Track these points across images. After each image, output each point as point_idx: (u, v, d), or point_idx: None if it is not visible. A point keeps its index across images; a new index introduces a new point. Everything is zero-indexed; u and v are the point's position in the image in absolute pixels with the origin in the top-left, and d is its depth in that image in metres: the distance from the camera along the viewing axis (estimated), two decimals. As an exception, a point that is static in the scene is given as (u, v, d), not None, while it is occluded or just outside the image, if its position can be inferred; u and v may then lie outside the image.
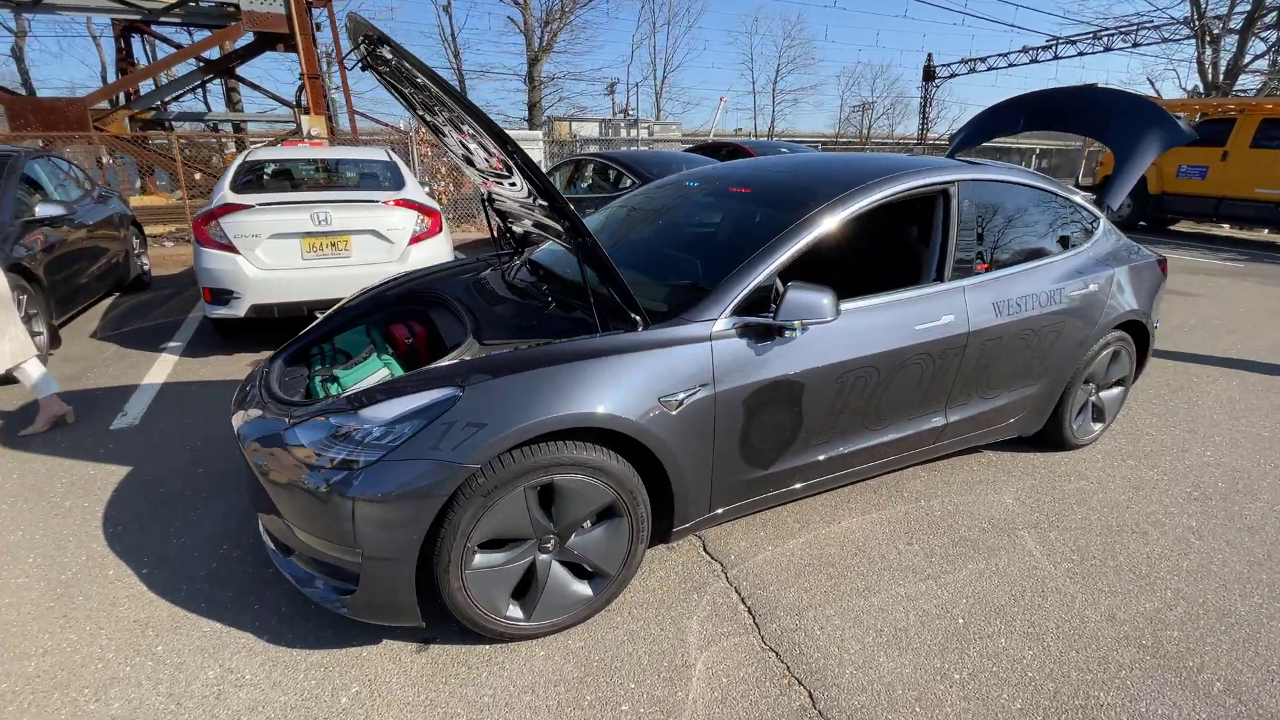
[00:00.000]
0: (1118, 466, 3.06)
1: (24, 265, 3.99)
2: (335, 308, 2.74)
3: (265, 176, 4.92)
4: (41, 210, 4.37)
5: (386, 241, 4.37)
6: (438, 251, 4.56)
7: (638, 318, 1.93)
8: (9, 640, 1.88)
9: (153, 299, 5.98)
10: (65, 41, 38.30)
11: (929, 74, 29.94)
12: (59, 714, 1.64)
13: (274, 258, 4.13)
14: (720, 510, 2.16)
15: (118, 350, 4.50)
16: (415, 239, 4.46)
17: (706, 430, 1.95)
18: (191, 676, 1.76)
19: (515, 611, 1.84)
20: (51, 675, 1.76)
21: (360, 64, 1.86)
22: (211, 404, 3.56)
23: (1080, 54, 24.35)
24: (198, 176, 10.26)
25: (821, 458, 2.30)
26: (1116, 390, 3.25)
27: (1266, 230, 11.33)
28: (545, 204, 1.95)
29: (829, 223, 2.19)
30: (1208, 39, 19.82)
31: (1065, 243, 2.90)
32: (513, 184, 2.13)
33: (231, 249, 4.04)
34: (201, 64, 13.32)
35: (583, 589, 1.92)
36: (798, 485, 2.33)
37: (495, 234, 2.97)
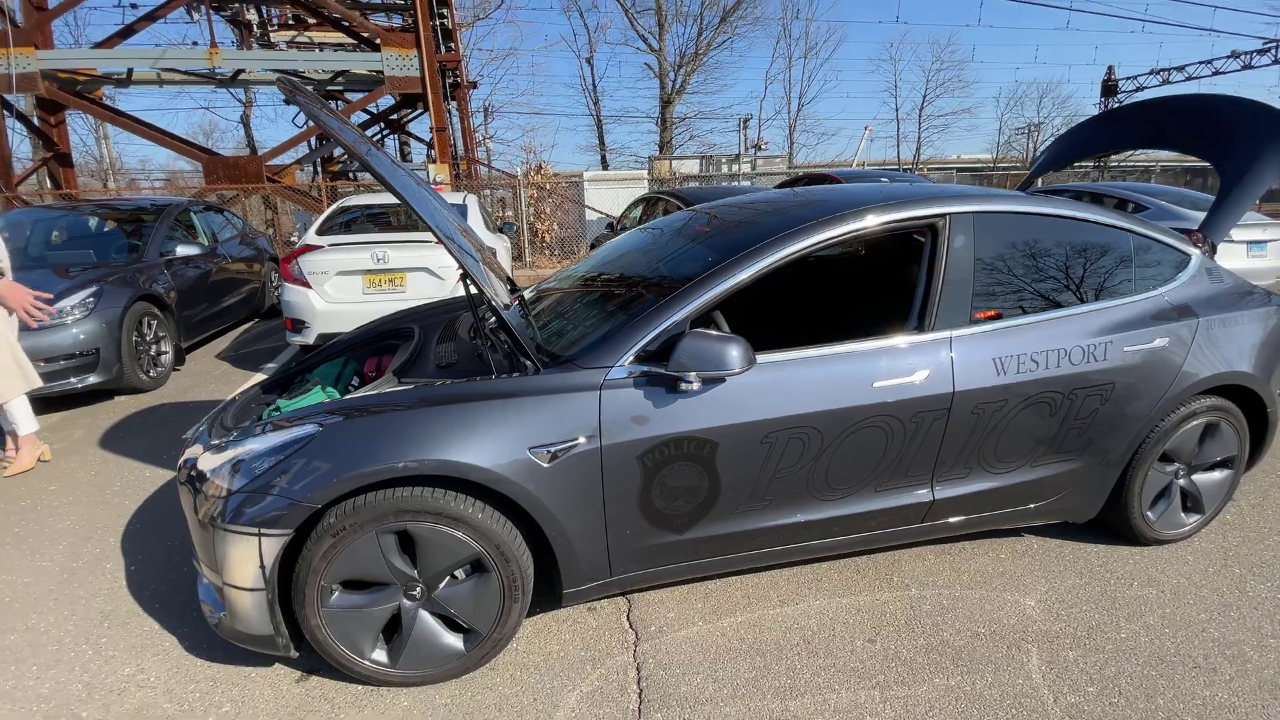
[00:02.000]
0: (1212, 574, 2.37)
1: (159, 296, 4.83)
2: (334, 340, 2.97)
3: (351, 220, 5.55)
4: (181, 250, 5.30)
5: (438, 278, 4.69)
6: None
7: (529, 363, 1.87)
8: (8, 615, 2.22)
9: (278, 326, 6.94)
10: (279, 111, 46.72)
11: (1109, 89, 26.57)
12: (4, 684, 1.89)
13: (339, 292, 4.61)
14: (626, 575, 1.98)
15: (227, 369, 5.27)
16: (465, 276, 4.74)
17: (592, 486, 1.81)
18: (111, 670, 1.95)
19: (381, 656, 1.81)
20: (18, 650, 2.05)
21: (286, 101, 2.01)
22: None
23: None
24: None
25: (756, 526, 2.03)
26: (1220, 474, 2.55)
27: None
28: (453, 255, 1.97)
29: (762, 264, 1.97)
30: None
31: (1124, 287, 2.36)
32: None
33: (306, 284, 4.58)
34: (374, 121, 15.54)
35: (455, 642, 1.85)
36: (730, 554, 2.08)
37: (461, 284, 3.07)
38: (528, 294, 2.88)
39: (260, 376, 5.00)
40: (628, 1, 26.02)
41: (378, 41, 11.32)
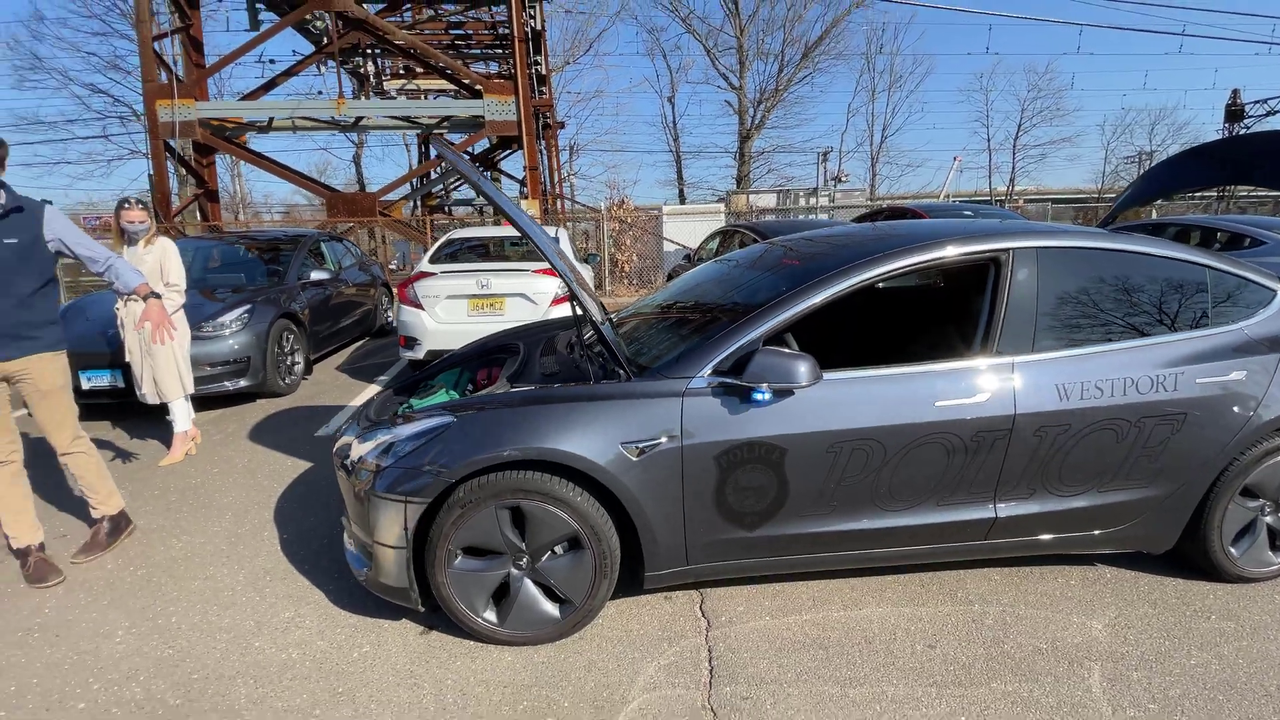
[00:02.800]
0: (1299, 615, 2.33)
1: (296, 314, 5.58)
2: (448, 355, 3.43)
3: (456, 250, 6.17)
4: (314, 275, 6.09)
5: (532, 303, 5.17)
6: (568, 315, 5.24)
7: (622, 372, 2.18)
8: (192, 567, 2.73)
9: (387, 344, 7.71)
10: (386, 150, 51.06)
11: (1235, 114, 24.76)
12: (193, 617, 2.36)
13: (447, 314, 5.17)
14: (700, 566, 2.23)
15: (346, 380, 5.95)
16: (556, 301, 5.20)
17: (673, 481, 2.09)
18: (275, 614, 2.39)
19: (491, 615, 2.14)
20: (203, 593, 2.53)
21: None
22: (383, 424, 4.56)
23: None
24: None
25: (822, 530, 2.23)
26: (1312, 513, 2.49)
27: None
28: (565, 278, 2.34)
29: (829, 292, 2.20)
30: None
31: (1198, 320, 2.41)
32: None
33: (419, 306, 5.18)
34: (471, 160, 16.89)
35: (552, 610, 2.15)
36: (796, 555, 2.28)
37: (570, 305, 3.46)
38: (615, 316, 3.22)
39: (374, 387, 5.63)
40: (710, 42, 26.97)
41: (479, 89, 12.44)
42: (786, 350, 2.04)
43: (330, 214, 11.85)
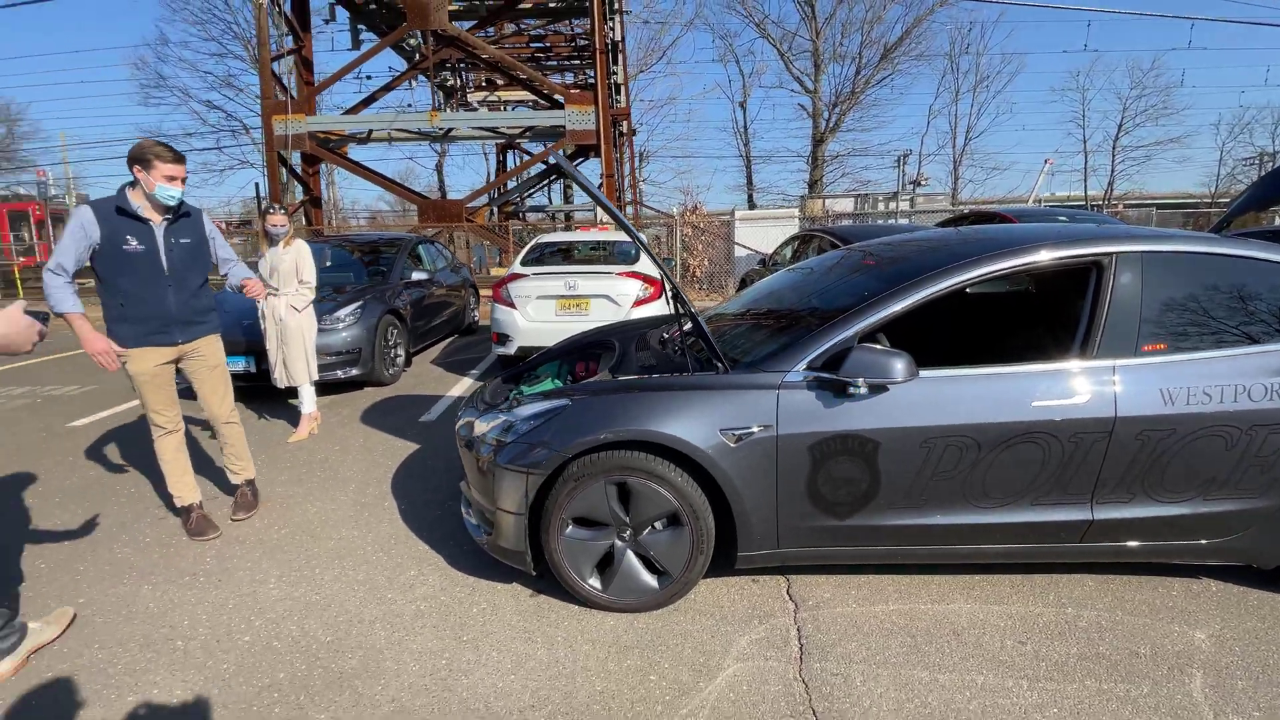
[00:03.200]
0: None
1: (399, 311, 6.06)
2: (545, 350, 3.69)
3: (547, 253, 6.51)
4: (415, 275, 6.58)
5: (615, 304, 5.41)
6: (655, 313, 5.44)
7: (719, 365, 2.34)
8: (326, 528, 3.10)
9: (475, 341, 8.19)
10: (465, 159, 53.40)
11: (1367, 112, 22.23)
12: (333, 570, 2.69)
13: (537, 313, 5.49)
14: (790, 550, 2.35)
15: (441, 373, 6.40)
16: (638, 302, 5.42)
17: (768, 468, 2.22)
18: (401, 571, 2.69)
19: (596, 582, 2.34)
20: (338, 551, 2.88)
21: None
22: (478, 414, 4.92)
23: None
24: (525, 253, 13.52)
25: (912, 523, 2.30)
26: None
27: None
28: (666, 277, 2.53)
29: (927, 292, 2.29)
30: None
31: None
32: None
33: (512, 305, 5.52)
34: (547, 168, 17.57)
35: (651, 581, 2.33)
36: (886, 547, 2.36)
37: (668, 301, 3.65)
38: (705, 315, 3.39)
39: (467, 380, 6.04)
40: (784, 46, 26.79)
41: (559, 99, 12.95)
42: (882, 348, 2.14)
43: (421, 219, 12.65)
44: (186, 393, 3.27)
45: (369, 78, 21.33)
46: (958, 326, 3.40)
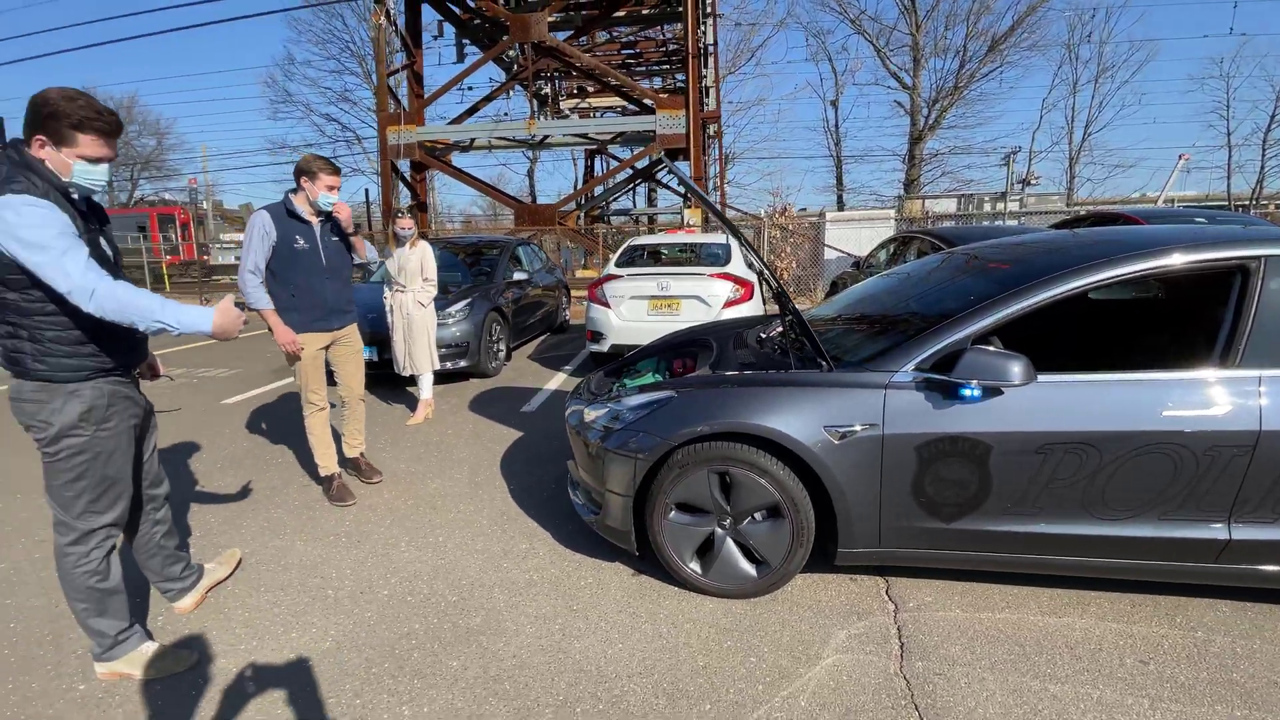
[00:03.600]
0: None
1: (502, 309, 6.46)
2: (643, 347, 3.85)
3: (641, 255, 6.71)
4: (516, 276, 6.97)
5: (706, 305, 5.51)
6: (746, 314, 5.49)
7: (823, 363, 2.39)
8: (447, 502, 3.40)
9: (567, 339, 8.55)
10: (555, 164, 55.21)
11: None
12: (455, 539, 2.97)
13: (630, 312, 5.69)
14: (891, 550, 2.36)
15: (538, 367, 6.75)
16: (729, 303, 5.49)
17: (872, 466, 2.25)
18: (515, 545, 2.92)
19: (695, 566, 2.46)
20: (457, 523, 3.16)
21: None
22: (574, 407, 5.18)
23: None
24: (610, 256, 13.90)
25: (1024, 530, 2.25)
26: None
27: None
28: (767, 278, 2.61)
29: (1047, 295, 2.23)
30: None
31: None
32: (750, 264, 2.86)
33: (606, 305, 5.75)
34: (632, 171, 17.96)
35: (749, 569, 2.42)
36: (995, 553, 2.32)
37: (765, 300, 3.71)
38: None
39: (562, 375, 6.34)
40: (880, 41, 25.84)
41: (649, 103, 13.20)
42: (999, 350, 2.12)
43: (517, 222, 13.30)
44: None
45: (470, 89, 22.57)
46: (1077, 331, 3.24)
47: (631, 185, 21.99)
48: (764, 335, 3.24)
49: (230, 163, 65.84)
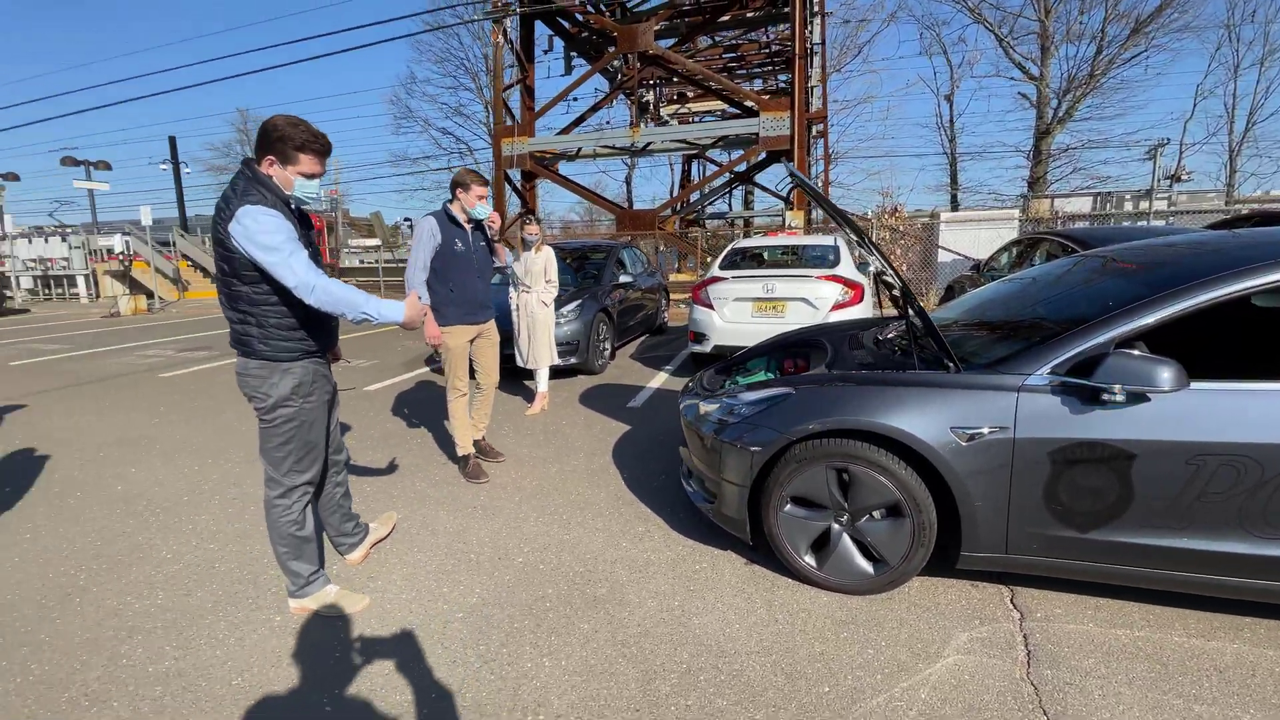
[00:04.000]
0: None
1: (608, 309, 6.76)
2: (751, 347, 3.94)
3: (744, 257, 6.78)
4: (621, 279, 7.26)
5: (813, 307, 5.50)
6: (856, 317, 5.42)
7: (950, 364, 2.39)
8: (567, 485, 3.67)
9: (665, 340, 8.76)
10: (653, 170, 55.86)
11: None
12: (577, 517, 3.21)
13: (734, 314, 5.78)
14: (1018, 557, 2.31)
15: (640, 367, 7.00)
16: (837, 306, 5.45)
17: (1002, 470, 2.22)
18: (630, 528, 3.12)
19: (810, 559, 2.53)
20: (579, 506, 3.41)
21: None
22: (676, 402, 5.33)
23: None
24: (709, 260, 13.98)
25: (1170, 545, 2.14)
26: None
27: None
28: (890, 277, 2.63)
29: (1194, 301, 2.12)
30: None
31: None
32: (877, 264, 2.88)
33: (710, 307, 5.88)
34: (730, 176, 17.97)
35: (866, 566, 2.46)
36: (1130, 567, 2.22)
37: (879, 301, 3.69)
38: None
39: (663, 374, 6.54)
40: (1003, 30, 24.15)
41: (750, 105, 13.17)
42: (1146, 355, 2.04)
43: (618, 227, 13.74)
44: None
45: (575, 99, 23.48)
46: (1234, 338, 2.98)
47: (729, 188, 21.96)
48: (881, 336, 3.24)
49: (357, 174, 72.46)
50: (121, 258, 18.01)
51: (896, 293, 3.31)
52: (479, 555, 2.91)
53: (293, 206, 2.28)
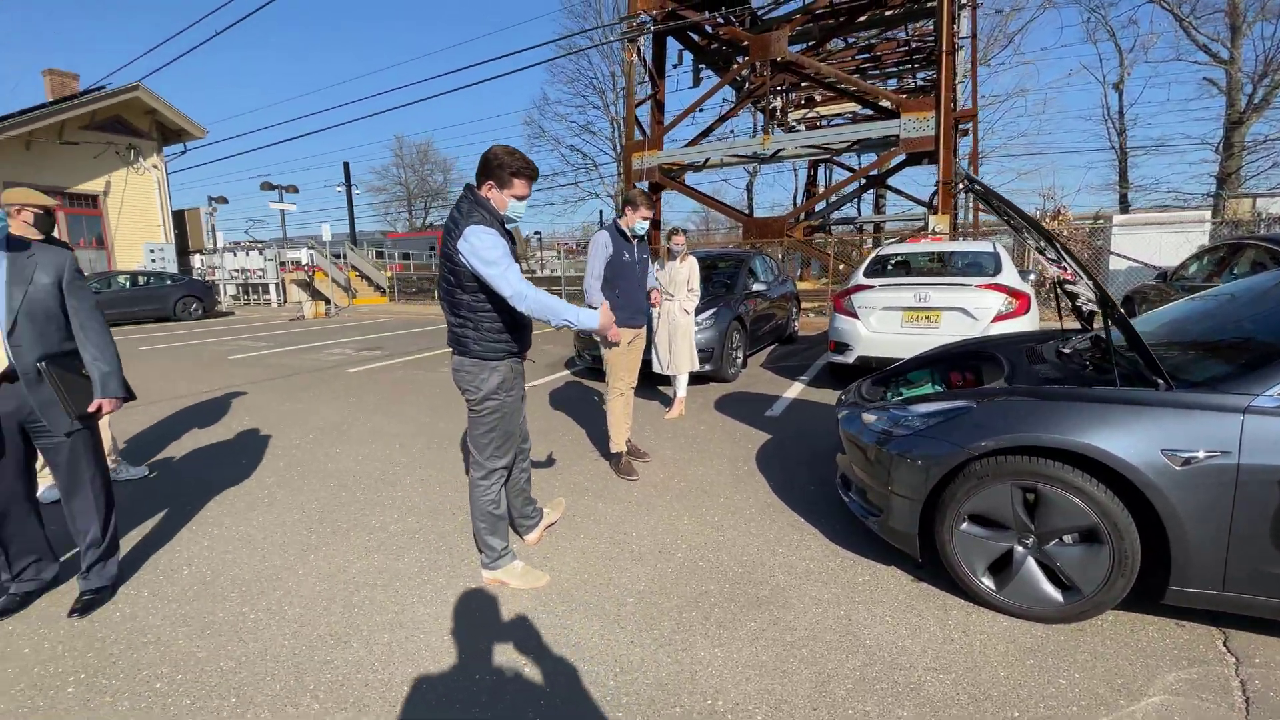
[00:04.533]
0: None
1: (741, 317, 6.81)
2: (910, 359, 3.83)
3: (890, 264, 6.54)
4: (754, 287, 7.28)
5: (972, 318, 5.19)
6: (1019, 329, 5.05)
7: (1160, 381, 2.21)
8: (714, 490, 3.78)
9: (797, 349, 8.64)
10: (775, 176, 54.90)
11: None
12: (729, 520, 3.30)
13: (880, 324, 5.60)
14: (1238, 596, 2.08)
15: (772, 375, 6.97)
16: (999, 317, 5.11)
17: (1222, 499, 2.02)
18: (785, 536, 3.16)
19: (988, 581, 2.43)
20: (728, 509, 3.50)
21: (963, 191, 2.90)
22: (817, 412, 5.27)
23: None
24: (840, 267, 13.53)
25: None
26: None
27: None
28: (1089, 285, 2.47)
29: None
30: None
31: None
32: (1068, 270, 2.71)
33: (854, 316, 5.74)
34: (863, 180, 17.28)
35: (1054, 593, 2.32)
36: (1399, 623, 1.93)
37: (1060, 310, 3.45)
38: None
39: (799, 385, 6.47)
40: (1183, 9, 21.15)
41: (888, 106, 12.59)
42: None
43: (745, 235, 13.71)
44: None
45: (701, 110, 23.74)
46: None
47: (861, 193, 21.11)
48: (1064, 349, 3.03)
49: (493, 192, 77.87)
50: (306, 269, 20.80)
51: (1081, 303, 3.09)
52: (640, 547, 3.09)
53: (505, 226, 2.60)
